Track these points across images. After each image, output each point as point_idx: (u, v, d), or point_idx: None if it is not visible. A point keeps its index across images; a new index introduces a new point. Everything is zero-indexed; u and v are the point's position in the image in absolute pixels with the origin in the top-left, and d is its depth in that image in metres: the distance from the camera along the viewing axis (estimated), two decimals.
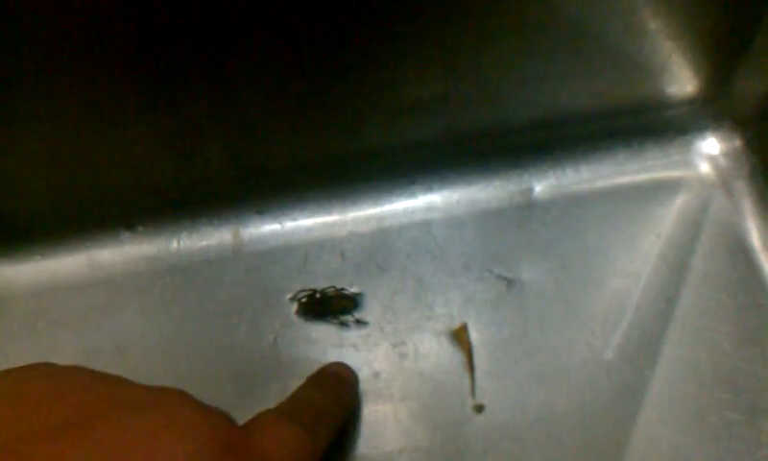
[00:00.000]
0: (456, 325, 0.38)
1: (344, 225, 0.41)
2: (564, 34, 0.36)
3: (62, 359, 0.38)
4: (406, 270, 0.39)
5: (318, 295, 0.38)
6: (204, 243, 0.41)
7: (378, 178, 0.41)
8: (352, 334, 0.38)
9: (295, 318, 0.38)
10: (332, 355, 0.37)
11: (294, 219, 0.41)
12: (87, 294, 0.39)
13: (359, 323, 0.38)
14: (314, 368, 0.36)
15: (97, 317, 0.39)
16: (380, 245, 0.40)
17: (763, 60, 0.38)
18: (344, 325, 0.38)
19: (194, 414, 0.21)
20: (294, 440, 0.24)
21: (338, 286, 0.39)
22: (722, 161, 0.42)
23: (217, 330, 0.38)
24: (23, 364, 0.37)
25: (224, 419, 0.23)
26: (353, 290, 0.39)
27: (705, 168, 0.42)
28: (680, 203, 0.41)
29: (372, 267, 0.40)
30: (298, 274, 0.40)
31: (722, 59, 0.39)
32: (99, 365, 0.38)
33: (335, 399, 0.31)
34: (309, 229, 0.41)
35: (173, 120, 0.36)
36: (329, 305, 0.38)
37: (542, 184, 0.41)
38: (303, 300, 0.38)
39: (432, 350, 0.37)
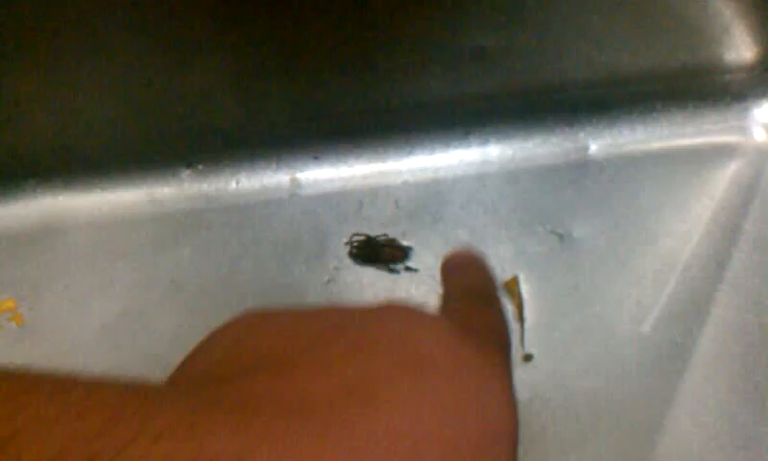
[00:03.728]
0: (508, 277, 0.38)
1: (399, 174, 0.41)
2: None
3: (120, 290, 0.39)
4: (459, 221, 0.40)
5: (370, 241, 0.39)
6: (261, 185, 0.41)
7: (435, 128, 0.41)
8: (405, 281, 0.38)
9: (349, 262, 0.39)
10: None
11: (350, 165, 0.41)
12: (146, 228, 0.40)
13: (408, 270, 0.39)
14: None
15: (155, 251, 0.40)
16: (434, 195, 0.41)
17: None
18: (393, 271, 0.39)
19: (424, 313, 0.21)
20: (480, 314, 0.23)
21: (391, 235, 0.39)
22: None
23: (271, 270, 0.39)
24: (82, 293, 0.39)
25: None
26: (405, 243, 0.39)
27: (761, 135, 0.42)
28: (734, 168, 0.41)
29: (425, 216, 0.40)
30: (352, 219, 0.40)
31: None
32: (155, 297, 0.39)
33: (486, 277, 0.29)
34: (365, 176, 0.41)
35: (239, 60, 0.37)
36: (380, 254, 0.39)
37: (598, 143, 0.42)
38: (356, 244, 0.39)
39: None
